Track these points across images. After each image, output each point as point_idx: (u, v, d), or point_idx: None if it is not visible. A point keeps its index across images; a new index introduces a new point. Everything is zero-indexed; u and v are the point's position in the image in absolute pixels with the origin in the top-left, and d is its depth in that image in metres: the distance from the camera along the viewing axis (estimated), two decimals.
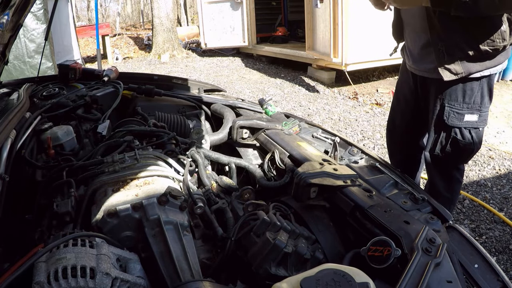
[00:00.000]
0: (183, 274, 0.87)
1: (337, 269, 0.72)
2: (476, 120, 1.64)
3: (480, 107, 1.63)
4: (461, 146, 1.68)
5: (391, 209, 1.02)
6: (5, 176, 1.04)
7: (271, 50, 7.73)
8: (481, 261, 0.94)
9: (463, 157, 1.76)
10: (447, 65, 1.55)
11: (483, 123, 1.66)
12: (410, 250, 0.85)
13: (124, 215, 1.00)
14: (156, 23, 9.37)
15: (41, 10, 5.45)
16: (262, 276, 0.92)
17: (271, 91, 6.03)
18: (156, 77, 2.23)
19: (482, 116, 1.65)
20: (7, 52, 1.71)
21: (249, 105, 1.94)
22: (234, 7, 8.19)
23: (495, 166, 3.43)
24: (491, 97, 1.67)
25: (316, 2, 5.73)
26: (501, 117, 4.77)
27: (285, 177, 1.33)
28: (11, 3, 1.36)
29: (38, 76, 2.17)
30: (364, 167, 1.30)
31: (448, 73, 1.56)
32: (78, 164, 1.23)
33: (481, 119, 1.65)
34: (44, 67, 5.46)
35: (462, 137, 1.66)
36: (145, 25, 17.00)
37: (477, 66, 1.55)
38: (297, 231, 1.00)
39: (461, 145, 1.67)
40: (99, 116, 1.69)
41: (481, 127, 1.67)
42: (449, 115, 1.65)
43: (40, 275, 0.73)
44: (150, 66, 8.48)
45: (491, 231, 2.53)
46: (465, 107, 1.63)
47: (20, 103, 1.50)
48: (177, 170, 1.29)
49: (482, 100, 1.63)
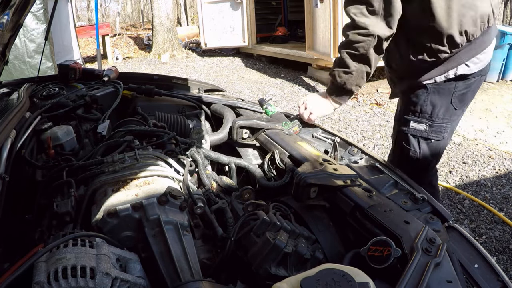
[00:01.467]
0: (183, 274, 0.87)
1: (337, 269, 0.72)
2: (425, 129, 1.57)
3: (431, 117, 1.55)
4: (405, 152, 1.63)
5: (391, 209, 1.02)
6: (5, 176, 1.04)
7: (271, 50, 7.73)
8: (481, 261, 0.94)
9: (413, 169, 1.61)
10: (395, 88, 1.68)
11: (436, 136, 1.57)
12: (410, 250, 0.85)
13: (124, 215, 1.00)
14: (156, 23, 9.37)
15: (41, 10, 5.45)
16: (262, 276, 0.92)
17: (271, 91, 6.03)
18: (156, 77, 2.23)
19: (435, 128, 1.55)
20: (7, 52, 1.71)
21: (249, 105, 1.94)
22: (234, 7, 8.19)
23: (495, 166, 3.43)
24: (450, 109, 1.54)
25: (316, 2, 5.74)
26: (501, 117, 4.77)
27: (285, 177, 1.33)
28: (11, 3, 1.36)
29: (38, 76, 2.17)
30: (364, 167, 1.30)
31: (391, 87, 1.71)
32: (78, 164, 1.23)
33: (432, 130, 1.56)
34: (44, 67, 5.46)
35: (407, 143, 1.62)
36: (145, 25, 17.01)
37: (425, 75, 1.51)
38: (297, 231, 1.00)
39: (405, 151, 1.63)
40: (99, 116, 1.69)
41: (433, 139, 1.57)
42: (400, 120, 1.66)
43: (40, 275, 0.73)
44: (150, 66, 8.48)
45: (491, 231, 2.53)
46: (411, 114, 1.59)
47: (20, 103, 1.50)
48: (177, 170, 1.29)
49: (433, 110, 1.54)
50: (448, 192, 3.04)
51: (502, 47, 6.09)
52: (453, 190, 3.05)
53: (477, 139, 4.08)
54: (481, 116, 4.76)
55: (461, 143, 3.94)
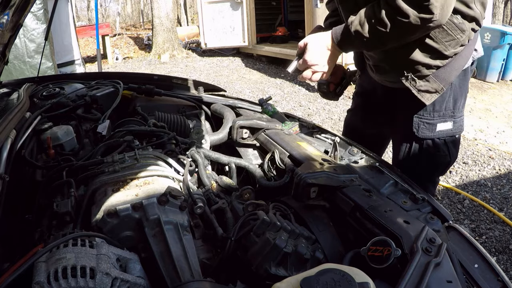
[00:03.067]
0: (183, 274, 0.87)
1: (337, 269, 0.72)
2: (450, 128, 1.45)
3: (454, 112, 1.43)
4: (436, 159, 1.49)
5: (391, 209, 1.02)
6: (5, 176, 1.04)
7: (271, 50, 7.73)
8: (481, 261, 0.94)
9: (439, 171, 1.56)
10: (422, 87, 1.35)
11: (459, 129, 1.47)
12: (410, 250, 0.85)
13: (124, 215, 1.00)
14: (156, 23, 9.37)
15: (41, 10, 5.45)
16: (262, 276, 0.92)
17: (271, 91, 6.03)
18: (156, 77, 2.23)
19: (457, 122, 1.45)
20: (7, 52, 1.71)
21: (249, 105, 1.94)
22: (234, 7, 8.19)
23: (495, 166, 3.43)
24: (465, 97, 1.47)
25: (316, 2, 5.74)
26: (501, 117, 4.77)
27: (285, 177, 1.33)
28: (11, 3, 1.36)
29: (38, 76, 2.18)
30: (364, 167, 1.30)
31: (428, 94, 1.36)
32: (78, 164, 1.23)
33: (456, 125, 1.45)
34: (44, 67, 5.46)
35: (436, 149, 1.47)
36: (145, 25, 17.01)
37: (452, 72, 1.34)
38: (297, 231, 1.00)
39: (436, 158, 1.48)
40: (99, 116, 1.69)
41: (457, 134, 1.47)
42: (419, 126, 1.45)
43: (40, 275, 0.73)
44: (150, 66, 8.48)
45: (491, 231, 2.53)
46: (436, 116, 1.43)
47: (20, 103, 1.50)
48: (177, 170, 1.29)
49: (455, 104, 1.43)
50: (448, 192, 3.04)
51: (502, 47, 6.09)
52: (453, 190, 3.05)
53: (477, 139, 4.08)
54: (481, 116, 4.76)
55: (461, 143, 3.94)
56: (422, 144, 1.47)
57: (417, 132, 1.46)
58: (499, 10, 12.38)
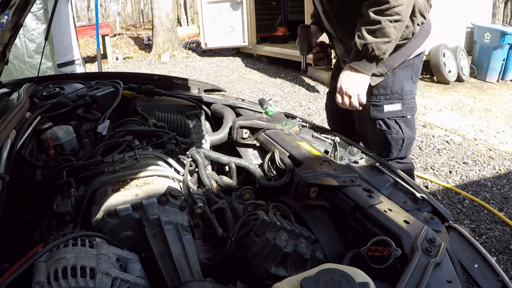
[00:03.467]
0: (183, 274, 0.87)
1: (337, 269, 0.72)
2: (400, 109, 1.62)
3: (402, 95, 1.61)
4: (390, 137, 1.66)
5: (391, 209, 1.01)
6: (5, 176, 1.04)
7: (271, 50, 7.72)
8: (481, 261, 0.94)
9: (397, 148, 1.70)
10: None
11: (409, 110, 1.64)
12: (410, 250, 0.85)
13: (124, 215, 1.00)
14: (156, 23, 9.36)
15: (41, 10, 5.44)
16: (262, 276, 0.92)
17: (271, 91, 6.03)
18: (156, 77, 2.23)
19: (406, 104, 1.62)
20: (7, 52, 1.71)
21: (249, 105, 1.94)
22: (234, 7, 8.19)
23: (495, 166, 3.43)
24: (415, 82, 1.65)
25: None
26: (501, 117, 4.77)
27: (285, 177, 1.33)
28: (11, 3, 1.36)
29: (38, 76, 2.18)
30: (364, 167, 1.30)
31: (374, 77, 1.54)
32: (78, 164, 1.23)
33: (405, 107, 1.62)
34: (44, 67, 5.45)
35: (387, 127, 1.65)
36: (145, 25, 17.00)
37: (397, 59, 1.54)
38: (297, 231, 1.00)
39: (390, 136, 1.65)
40: (99, 116, 1.69)
41: (408, 115, 1.64)
42: (370, 108, 1.64)
43: (40, 275, 0.73)
44: (150, 66, 8.47)
45: (491, 231, 2.53)
46: (382, 99, 1.61)
47: (20, 103, 1.50)
48: (177, 170, 1.29)
49: (403, 88, 1.60)
50: (448, 192, 3.04)
51: (502, 47, 6.09)
52: (453, 190, 3.05)
53: (477, 139, 4.08)
54: (481, 116, 4.76)
55: (461, 143, 3.94)
56: (375, 124, 1.67)
57: (370, 113, 1.65)
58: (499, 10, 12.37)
